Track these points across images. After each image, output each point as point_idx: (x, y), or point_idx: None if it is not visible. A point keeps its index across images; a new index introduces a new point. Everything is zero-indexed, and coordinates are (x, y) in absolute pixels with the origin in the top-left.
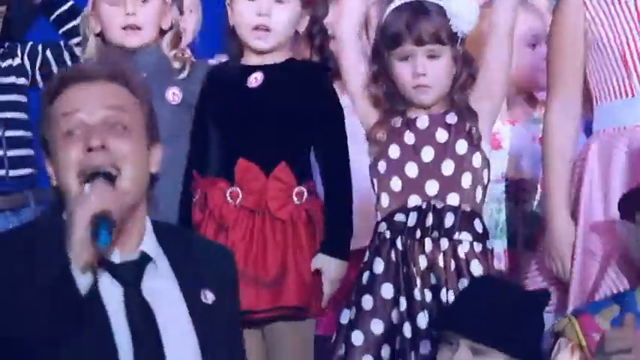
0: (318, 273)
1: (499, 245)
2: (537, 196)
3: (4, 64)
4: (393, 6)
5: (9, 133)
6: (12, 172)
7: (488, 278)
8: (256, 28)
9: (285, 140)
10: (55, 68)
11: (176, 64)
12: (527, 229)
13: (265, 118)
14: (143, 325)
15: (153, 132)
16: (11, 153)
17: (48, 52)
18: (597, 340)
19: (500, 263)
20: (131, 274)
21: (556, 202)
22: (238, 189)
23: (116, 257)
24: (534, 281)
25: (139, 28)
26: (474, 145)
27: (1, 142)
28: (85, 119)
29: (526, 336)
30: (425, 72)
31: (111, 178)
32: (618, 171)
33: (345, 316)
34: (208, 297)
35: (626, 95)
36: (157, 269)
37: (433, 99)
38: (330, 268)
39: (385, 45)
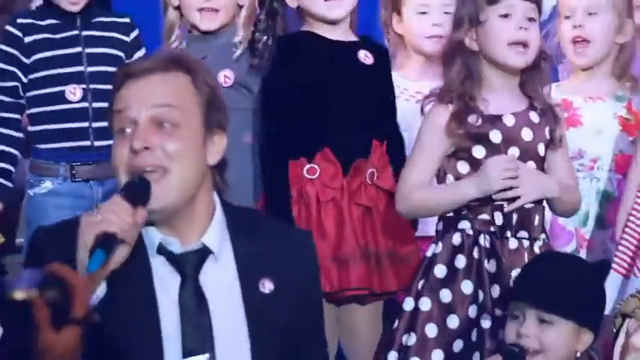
0: None
1: (571, 224)
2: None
3: (104, 34)
4: None
5: (97, 105)
6: (97, 143)
7: (551, 252)
8: None
9: (386, 117)
10: None
11: (238, 51)
12: (601, 207)
13: (377, 96)
14: (195, 315)
15: (212, 121)
16: (97, 124)
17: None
18: None
19: (572, 241)
20: (190, 266)
21: (636, 172)
22: (374, 169)
23: (176, 247)
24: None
25: (216, 11)
26: (551, 147)
27: (88, 113)
28: (133, 117)
29: (590, 304)
30: (527, 27)
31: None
32: None
33: (409, 304)
34: (266, 286)
35: None
36: (217, 260)
37: (527, 62)
38: None
39: (487, 2)
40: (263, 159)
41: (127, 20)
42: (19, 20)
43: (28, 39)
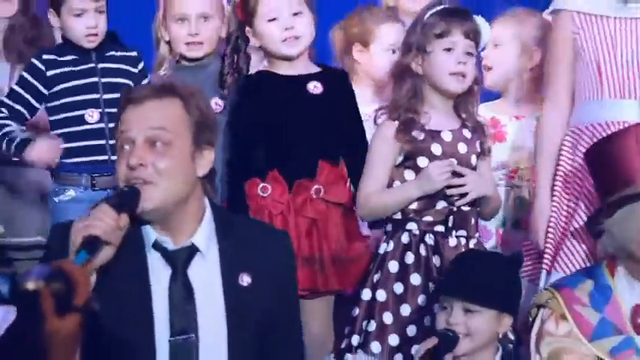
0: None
1: (492, 224)
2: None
3: (116, 66)
4: (438, 8)
5: (112, 125)
6: (113, 157)
7: (472, 251)
8: (285, 40)
9: (341, 140)
10: None
11: (228, 79)
12: (518, 212)
13: (329, 121)
14: (182, 303)
15: (201, 139)
16: (113, 142)
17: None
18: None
19: (492, 240)
20: (180, 261)
21: (540, 187)
22: (321, 186)
23: (169, 245)
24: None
25: (201, 43)
26: (480, 157)
27: (105, 133)
28: (132, 138)
29: (508, 293)
30: (466, 61)
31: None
32: (580, 163)
33: (367, 295)
34: (245, 280)
35: (596, 98)
36: (203, 257)
37: (464, 88)
38: None
39: (434, 35)
40: (226, 179)
41: (135, 54)
42: (44, 56)
43: (50, 73)
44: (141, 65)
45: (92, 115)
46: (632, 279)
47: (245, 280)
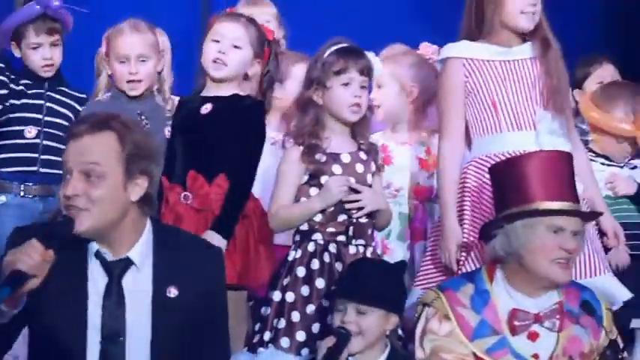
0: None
1: (378, 235)
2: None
3: (63, 99)
4: (336, 47)
5: (46, 143)
6: (42, 170)
7: (364, 258)
8: (215, 60)
9: (222, 156)
10: None
11: (167, 110)
12: (401, 225)
13: (210, 138)
14: (114, 309)
15: (134, 170)
16: (44, 157)
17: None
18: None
19: (377, 248)
20: (116, 271)
21: (447, 210)
22: (189, 193)
23: (108, 256)
24: (427, 269)
25: (140, 81)
26: (377, 173)
27: (39, 148)
28: (70, 169)
29: (395, 296)
30: (361, 95)
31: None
32: (488, 187)
33: (277, 296)
34: (172, 292)
35: (495, 132)
36: (138, 269)
37: (360, 116)
38: (214, 239)
39: (333, 72)
40: None
41: (84, 96)
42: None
43: (11, 85)
44: (84, 107)
45: (31, 132)
46: (508, 285)
47: (172, 292)
